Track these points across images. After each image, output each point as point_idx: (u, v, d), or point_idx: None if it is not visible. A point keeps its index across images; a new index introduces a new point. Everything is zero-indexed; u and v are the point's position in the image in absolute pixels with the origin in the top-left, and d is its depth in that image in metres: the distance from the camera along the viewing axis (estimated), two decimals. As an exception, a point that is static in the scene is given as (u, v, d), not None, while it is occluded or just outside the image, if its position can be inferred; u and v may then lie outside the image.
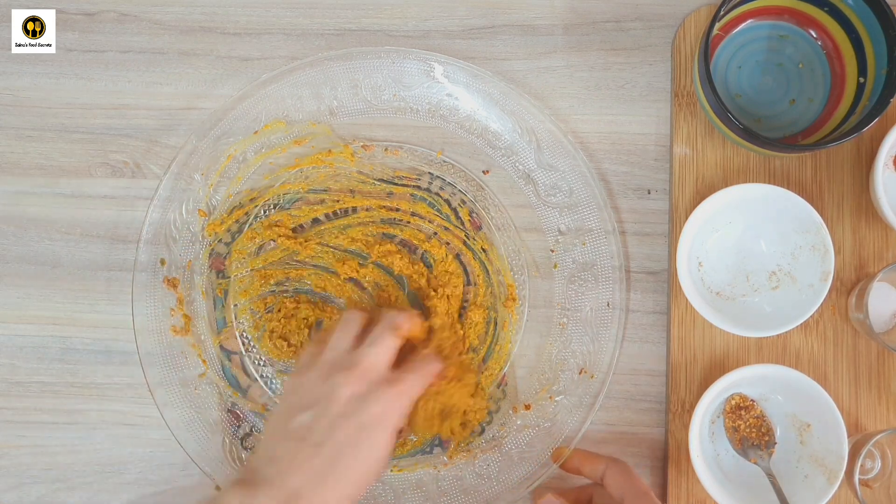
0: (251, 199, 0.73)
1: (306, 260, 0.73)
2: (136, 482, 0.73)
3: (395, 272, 0.71)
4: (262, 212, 0.73)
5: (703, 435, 0.69)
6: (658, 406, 0.72)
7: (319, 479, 0.56)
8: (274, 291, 0.72)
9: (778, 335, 0.70)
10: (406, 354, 0.63)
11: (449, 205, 0.73)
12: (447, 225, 0.72)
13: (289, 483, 0.56)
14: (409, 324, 0.63)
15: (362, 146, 0.73)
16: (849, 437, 0.65)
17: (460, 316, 0.71)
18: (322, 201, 0.73)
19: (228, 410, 0.71)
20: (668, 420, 0.70)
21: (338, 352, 0.61)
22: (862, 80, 0.69)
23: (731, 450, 0.69)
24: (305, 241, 0.72)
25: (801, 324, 0.66)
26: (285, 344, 0.71)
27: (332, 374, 0.59)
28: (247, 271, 0.72)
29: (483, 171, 0.73)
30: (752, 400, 0.69)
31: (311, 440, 0.57)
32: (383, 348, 0.60)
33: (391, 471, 0.71)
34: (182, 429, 0.70)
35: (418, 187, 0.73)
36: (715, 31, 0.68)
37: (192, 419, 0.71)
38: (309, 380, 0.60)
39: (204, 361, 0.72)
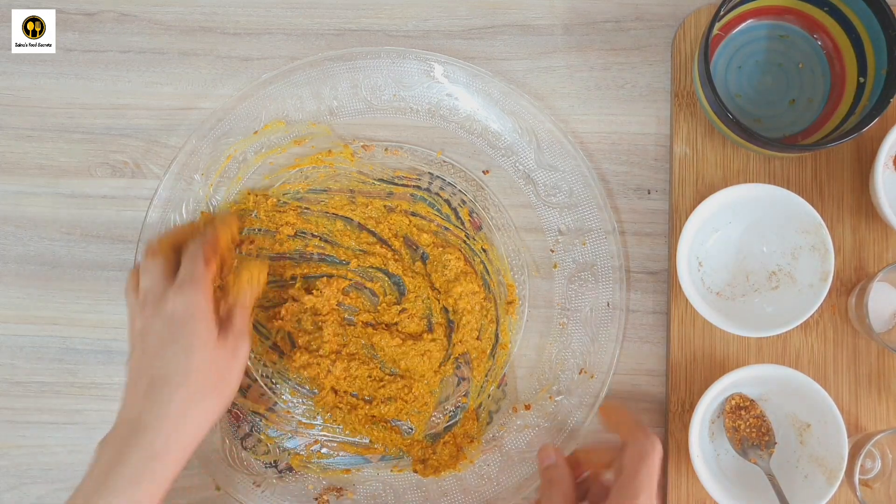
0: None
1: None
2: (136, 482, 0.72)
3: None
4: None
5: (703, 435, 0.69)
6: (658, 406, 0.72)
7: (146, 397, 0.59)
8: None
9: (778, 335, 0.70)
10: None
11: (449, 205, 0.72)
12: (447, 225, 0.72)
13: (127, 415, 0.59)
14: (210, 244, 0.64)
15: (362, 146, 0.73)
16: (849, 437, 0.65)
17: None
18: (322, 202, 0.73)
19: (228, 410, 0.71)
20: (668, 420, 0.70)
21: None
22: (862, 80, 0.69)
23: (731, 450, 0.69)
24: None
25: (801, 324, 0.66)
26: (288, 346, 0.72)
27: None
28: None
29: (483, 171, 0.73)
30: (751, 400, 0.69)
31: (135, 371, 0.61)
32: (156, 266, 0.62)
33: (391, 471, 0.71)
34: (182, 429, 0.70)
35: (418, 187, 0.73)
36: (715, 31, 0.68)
37: (192, 419, 0.70)
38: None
39: (204, 361, 0.72)
